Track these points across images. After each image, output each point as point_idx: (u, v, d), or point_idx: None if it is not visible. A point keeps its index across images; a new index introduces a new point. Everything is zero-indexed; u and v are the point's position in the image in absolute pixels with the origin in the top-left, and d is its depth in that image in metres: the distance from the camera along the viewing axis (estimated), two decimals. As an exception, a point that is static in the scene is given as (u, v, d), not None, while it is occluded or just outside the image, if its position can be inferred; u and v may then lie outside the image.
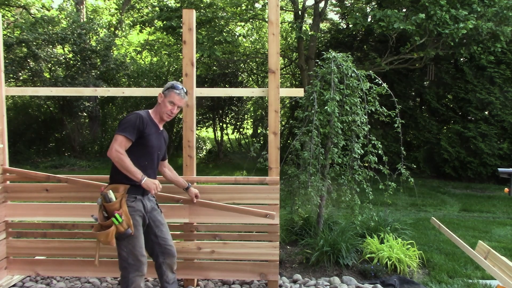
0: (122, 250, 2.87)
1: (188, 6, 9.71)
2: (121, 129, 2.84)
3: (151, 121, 2.97)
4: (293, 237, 4.78)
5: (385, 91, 4.58)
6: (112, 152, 2.78)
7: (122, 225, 2.75)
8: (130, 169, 2.79)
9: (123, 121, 2.89)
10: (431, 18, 7.95)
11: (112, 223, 2.73)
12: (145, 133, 2.89)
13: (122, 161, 2.78)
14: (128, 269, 2.87)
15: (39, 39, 11.33)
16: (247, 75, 15.97)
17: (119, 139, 2.81)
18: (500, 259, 2.89)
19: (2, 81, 3.67)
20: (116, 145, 2.79)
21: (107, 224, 2.76)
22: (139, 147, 2.90)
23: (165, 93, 3.01)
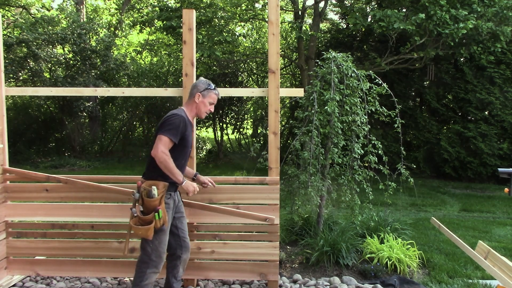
0: (148, 245, 2.92)
1: (188, 6, 9.72)
2: (166, 130, 2.87)
3: (188, 121, 3.04)
4: (293, 237, 4.78)
5: (385, 91, 4.58)
6: (158, 153, 2.82)
7: (160, 221, 2.83)
8: (173, 171, 2.86)
9: (167, 122, 2.91)
10: (431, 18, 7.95)
11: (152, 219, 2.80)
12: (185, 135, 2.98)
13: (166, 163, 2.83)
14: (148, 264, 2.93)
15: (39, 39, 11.33)
16: (247, 75, 15.97)
17: (164, 140, 2.85)
18: (500, 259, 2.89)
19: (2, 81, 3.67)
20: (162, 146, 2.83)
21: (147, 219, 2.82)
22: (179, 148, 2.97)
23: (203, 93, 3.08)
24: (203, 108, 3.10)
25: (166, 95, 6.35)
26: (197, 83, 3.13)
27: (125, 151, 14.48)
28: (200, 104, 3.08)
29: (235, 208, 3.50)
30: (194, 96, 3.08)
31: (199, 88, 3.09)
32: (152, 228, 2.83)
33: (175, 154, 2.95)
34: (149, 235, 2.84)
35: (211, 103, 3.13)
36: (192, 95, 3.10)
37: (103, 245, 3.65)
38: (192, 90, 3.12)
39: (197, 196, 3.54)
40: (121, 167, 11.76)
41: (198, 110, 3.10)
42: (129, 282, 3.79)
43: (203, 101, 3.08)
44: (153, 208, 2.82)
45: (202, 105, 3.09)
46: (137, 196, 2.89)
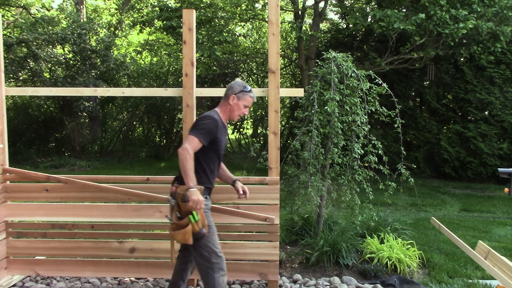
0: (203, 250, 2.82)
1: (188, 6, 9.72)
2: (197, 130, 2.79)
3: (222, 123, 2.95)
4: (293, 237, 4.78)
5: (385, 91, 4.58)
6: (182, 149, 2.72)
7: (198, 224, 2.72)
8: (188, 173, 2.72)
9: (200, 123, 2.84)
10: (431, 18, 7.95)
11: (188, 222, 2.71)
12: (218, 138, 2.88)
13: (186, 162, 2.71)
14: (212, 269, 2.82)
15: (39, 39, 11.33)
16: (247, 75, 15.97)
17: (192, 140, 2.76)
18: (500, 259, 2.89)
19: (2, 81, 3.67)
20: (188, 145, 2.74)
21: (182, 223, 2.74)
22: (211, 151, 2.89)
23: (238, 95, 2.96)
24: (237, 111, 2.99)
25: (166, 95, 6.36)
26: (233, 85, 3.01)
27: (125, 151, 14.48)
28: (234, 106, 2.97)
29: (235, 208, 3.50)
30: (229, 98, 2.97)
31: (234, 90, 2.97)
32: (190, 232, 2.71)
33: (206, 158, 2.88)
34: (188, 240, 2.72)
35: (245, 106, 3.01)
36: (226, 97, 2.98)
37: (103, 245, 3.65)
38: (227, 92, 3.00)
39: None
40: (121, 167, 11.76)
41: (232, 112, 3.00)
42: (129, 282, 3.79)
43: (237, 103, 2.97)
44: (188, 211, 2.73)
45: (236, 107, 2.98)
46: (173, 203, 2.80)
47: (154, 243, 3.65)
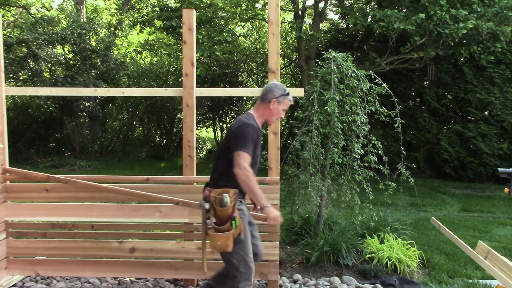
0: (233, 257, 2.71)
1: (188, 6, 9.72)
2: (243, 144, 2.65)
3: (258, 129, 2.82)
4: (293, 237, 4.78)
5: (385, 91, 4.58)
6: (242, 171, 2.59)
7: (237, 230, 2.63)
8: (256, 191, 2.62)
9: (242, 134, 2.68)
10: (431, 18, 7.94)
11: (229, 227, 2.60)
12: (256, 144, 2.79)
13: (250, 181, 2.60)
14: (238, 278, 2.71)
15: (39, 39, 11.33)
16: (247, 75, 15.98)
17: (244, 156, 2.62)
18: (500, 259, 2.89)
19: (2, 81, 3.67)
20: (244, 162, 2.60)
21: (223, 229, 2.61)
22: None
23: (279, 99, 2.82)
24: (276, 115, 2.87)
25: (166, 95, 6.37)
26: (273, 88, 2.84)
27: (125, 151, 14.48)
28: (274, 111, 2.83)
29: (235, 208, 3.49)
30: (270, 102, 2.81)
31: (275, 94, 2.81)
32: (231, 238, 2.60)
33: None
34: (229, 246, 2.61)
35: (284, 110, 2.89)
36: (266, 100, 2.83)
37: (103, 245, 3.65)
38: (266, 95, 2.83)
39: (197, 196, 3.54)
40: (121, 167, 11.77)
41: (270, 117, 2.87)
42: (129, 282, 3.79)
43: (277, 108, 2.84)
44: (227, 216, 2.61)
45: (275, 112, 2.84)
46: (207, 206, 2.68)
47: (154, 243, 3.65)
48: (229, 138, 2.75)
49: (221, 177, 2.77)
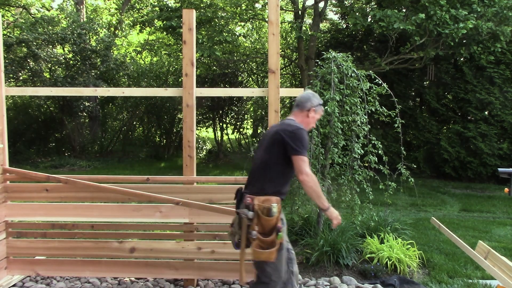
0: (268, 265, 2.61)
1: (188, 6, 9.72)
2: (304, 147, 2.63)
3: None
4: (293, 237, 4.77)
5: (385, 91, 4.58)
6: (309, 177, 2.58)
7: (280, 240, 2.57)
8: (321, 194, 2.62)
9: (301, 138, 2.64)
10: (431, 18, 7.95)
11: (275, 239, 2.52)
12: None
13: (316, 185, 2.59)
14: (268, 286, 2.66)
15: (39, 39, 11.33)
16: (247, 75, 15.97)
17: (306, 161, 2.61)
18: (500, 259, 2.89)
19: (2, 81, 3.67)
20: (308, 168, 2.59)
21: (269, 240, 2.51)
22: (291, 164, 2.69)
23: (316, 108, 2.88)
24: (312, 123, 2.91)
25: (166, 95, 6.36)
26: (311, 97, 2.88)
27: (125, 151, 14.48)
28: (311, 119, 2.87)
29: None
30: (309, 110, 2.84)
31: (313, 103, 2.86)
32: (276, 250, 2.52)
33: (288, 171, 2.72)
34: (272, 258, 2.53)
35: (317, 119, 2.98)
36: (304, 108, 2.85)
37: (103, 245, 3.65)
38: (305, 103, 2.85)
39: (197, 196, 3.54)
40: (121, 167, 11.76)
41: (308, 125, 2.87)
42: (129, 282, 3.79)
43: (314, 116, 2.88)
44: (272, 227, 2.52)
45: (312, 120, 2.89)
46: (251, 215, 2.54)
47: (154, 243, 3.65)
48: (281, 142, 2.65)
49: (267, 183, 2.66)
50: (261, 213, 2.53)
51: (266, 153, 2.72)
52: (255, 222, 2.54)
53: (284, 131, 2.68)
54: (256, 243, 2.53)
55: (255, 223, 2.54)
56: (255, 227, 2.53)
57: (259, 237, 2.52)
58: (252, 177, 2.75)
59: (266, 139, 2.79)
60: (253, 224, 2.54)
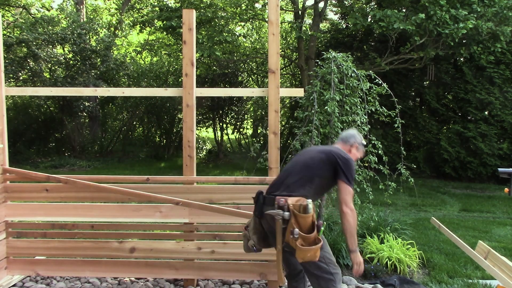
0: (321, 262, 2.63)
1: (188, 6, 9.72)
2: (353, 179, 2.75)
3: None
4: (293, 237, 4.77)
5: (385, 91, 4.58)
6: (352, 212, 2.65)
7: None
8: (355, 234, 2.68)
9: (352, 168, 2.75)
10: (431, 18, 7.95)
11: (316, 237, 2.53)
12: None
13: (355, 223, 2.65)
14: (334, 281, 2.65)
15: (39, 39, 11.33)
16: (247, 75, 15.97)
17: (352, 194, 2.72)
18: (500, 259, 2.89)
19: (2, 81, 3.67)
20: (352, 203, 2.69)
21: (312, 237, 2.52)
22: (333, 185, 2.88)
23: (359, 147, 3.03)
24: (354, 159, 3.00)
25: (166, 95, 6.36)
26: (355, 135, 3.04)
27: (125, 151, 14.48)
28: (353, 155, 2.97)
29: (235, 208, 3.50)
30: (351, 146, 2.99)
31: (357, 140, 3.01)
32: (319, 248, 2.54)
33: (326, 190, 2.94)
34: (317, 256, 2.53)
35: (358, 158, 3.09)
36: (348, 143, 2.99)
37: (103, 245, 3.64)
38: (349, 139, 3.00)
39: (197, 196, 3.54)
40: (121, 167, 11.76)
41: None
42: (129, 282, 3.79)
43: (355, 154, 3.01)
44: (310, 224, 2.53)
45: (354, 157, 2.98)
46: (287, 216, 2.55)
47: (154, 243, 3.65)
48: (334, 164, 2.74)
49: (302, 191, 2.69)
50: (297, 211, 2.53)
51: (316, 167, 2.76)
52: (293, 221, 2.53)
53: (338, 156, 2.75)
54: (299, 242, 2.50)
55: (293, 222, 2.52)
56: (294, 227, 2.52)
57: (302, 234, 2.50)
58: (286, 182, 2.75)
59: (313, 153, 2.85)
60: (292, 224, 2.53)
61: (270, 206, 2.66)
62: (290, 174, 2.79)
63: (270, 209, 2.63)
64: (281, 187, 2.74)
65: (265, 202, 2.71)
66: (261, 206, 2.71)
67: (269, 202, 2.68)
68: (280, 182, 2.79)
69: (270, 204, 2.66)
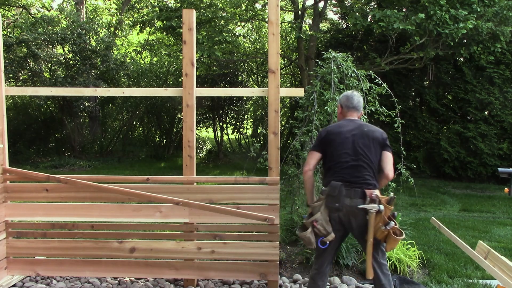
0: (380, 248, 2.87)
1: (188, 6, 9.71)
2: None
3: None
4: (293, 237, 4.78)
5: (385, 91, 4.58)
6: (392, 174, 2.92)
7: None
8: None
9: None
10: (431, 18, 7.94)
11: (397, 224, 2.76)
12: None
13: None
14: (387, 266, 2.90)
15: (39, 39, 11.32)
16: (247, 75, 15.97)
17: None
18: (500, 259, 2.89)
19: (2, 81, 3.67)
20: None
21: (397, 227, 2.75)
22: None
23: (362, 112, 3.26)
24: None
25: (166, 95, 6.35)
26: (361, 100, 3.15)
27: (125, 151, 14.48)
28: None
29: (235, 208, 3.50)
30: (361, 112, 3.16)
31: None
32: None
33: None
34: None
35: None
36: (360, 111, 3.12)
37: (103, 245, 3.65)
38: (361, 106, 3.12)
39: (197, 196, 3.55)
40: (121, 167, 11.76)
41: None
42: (129, 282, 3.79)
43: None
44: (390, 216, 2.76)
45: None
46: (382, 208, 2.71)
47: (154, 243, 3.66)
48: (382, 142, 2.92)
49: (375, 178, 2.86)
50: (387, 204, 2.71)
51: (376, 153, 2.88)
52: (383, 214, 2.69)
53: (381, 133, 2.96)
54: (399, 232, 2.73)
55: (383, 214, 2.69)
56: (386, 219, 2.68)
57: (395, 227, 2.69)
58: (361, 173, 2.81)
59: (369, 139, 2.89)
60: (383, 216, 2.68)
61: (357, 199, 2.73)
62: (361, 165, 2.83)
63: (359, 202, 2.71)
64: (359, 178, 2.80)
65: (348, 194, 2.75)
66: (343, 199, 2.74)
67: (355, 195, 2.74)
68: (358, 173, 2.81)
69: (357, 197, 2.73)
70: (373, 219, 2.68)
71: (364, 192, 2.74)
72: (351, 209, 2.73)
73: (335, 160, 2.87)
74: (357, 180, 2.78)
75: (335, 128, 2.98)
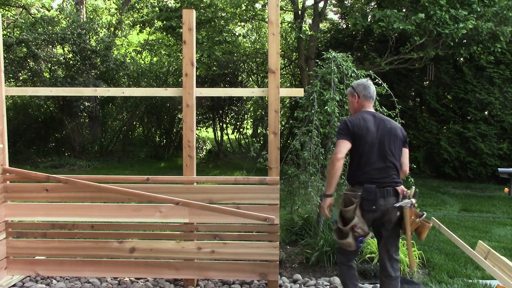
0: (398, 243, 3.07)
1: (188, 6, 9.70)
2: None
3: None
4: (293, 237, 4.78)
5: (385, 91, 4.58)
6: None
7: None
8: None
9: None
10: (431, 18, 7.94)
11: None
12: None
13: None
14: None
15: (39, 39, 11.32)
16: (247, 75, 15.97)
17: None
18: (500, 259, 2.89)
19: (2, 81, 3.67)
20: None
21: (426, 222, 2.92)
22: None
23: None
24: None
25: (166, 95, 6.36)
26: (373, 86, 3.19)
27: (125, 151, 14.48)
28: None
29: (235, 208, 3.50)
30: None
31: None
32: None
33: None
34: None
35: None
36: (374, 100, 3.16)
37: (103, 245, 3.65)
38: (374, 95, 3.15)
39: (197, 196, 3.54)
40: (121, 167, 11.76)
41: None
42: (129, 282, 3.79)
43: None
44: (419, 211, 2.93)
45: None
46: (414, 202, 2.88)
47: (154, 243, 3.66)
48: (403, 139, 3.04)
49: (399, 174, 3.00)
50: (416, 196, 2.90)
51: (399, 152, 2.98)
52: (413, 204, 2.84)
53: (401, 130, 3.04)
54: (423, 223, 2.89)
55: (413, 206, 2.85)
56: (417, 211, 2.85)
57: (423, 220, 2.87)
58: (389, 171, 2.92)
59: (394, 138, 2.95)
60: (413, 210, 2.84)
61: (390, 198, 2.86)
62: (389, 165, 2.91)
63: (393, 201, 2.85)
64: (387, 178, 2.90)
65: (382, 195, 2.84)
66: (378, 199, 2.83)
67: (387, 195, 2.86)
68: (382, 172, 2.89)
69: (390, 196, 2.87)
70: (408, 213, 2.82)
71: (396, 191, 2.88)
72: (386, 208, 2.84)
73: (363, 159, 2.91)
74: (386, 180, 2.89)
75: (362, 122, 2.94)
